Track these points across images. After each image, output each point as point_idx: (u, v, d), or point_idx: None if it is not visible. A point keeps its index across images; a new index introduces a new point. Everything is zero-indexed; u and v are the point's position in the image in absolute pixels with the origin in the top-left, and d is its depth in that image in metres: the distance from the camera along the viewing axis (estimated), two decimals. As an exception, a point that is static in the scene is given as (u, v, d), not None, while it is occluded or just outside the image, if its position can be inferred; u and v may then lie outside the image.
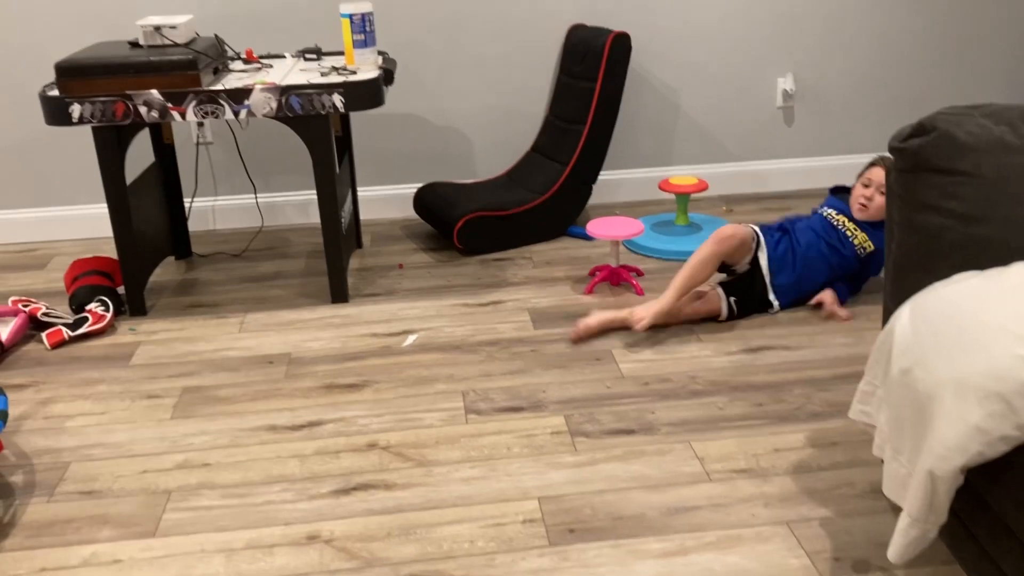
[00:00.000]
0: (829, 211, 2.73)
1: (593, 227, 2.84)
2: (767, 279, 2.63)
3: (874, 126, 3.69)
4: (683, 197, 3.26)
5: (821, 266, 2.65)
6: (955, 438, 1.27)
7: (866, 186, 2.66)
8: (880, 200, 2.59)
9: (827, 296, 2.65)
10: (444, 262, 3.14)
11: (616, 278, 2.88)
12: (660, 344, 2.48)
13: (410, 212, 3.61)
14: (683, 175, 3.56)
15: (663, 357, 2.41)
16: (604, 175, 3.59)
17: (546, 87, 3.51)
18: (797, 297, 2.67)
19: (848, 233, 2.66)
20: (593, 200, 3.61)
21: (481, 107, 3.51)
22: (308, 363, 2.45)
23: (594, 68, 3.19)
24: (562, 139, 3.33)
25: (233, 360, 2.48)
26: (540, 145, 3.45)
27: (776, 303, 2.64)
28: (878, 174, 2.63)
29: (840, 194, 2.80)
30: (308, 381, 2.35)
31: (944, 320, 1.37)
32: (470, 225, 3.12)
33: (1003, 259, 1.45)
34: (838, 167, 3.73)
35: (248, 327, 2.69)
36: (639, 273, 2.94)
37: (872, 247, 2.65)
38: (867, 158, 3.71)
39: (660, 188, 3.23)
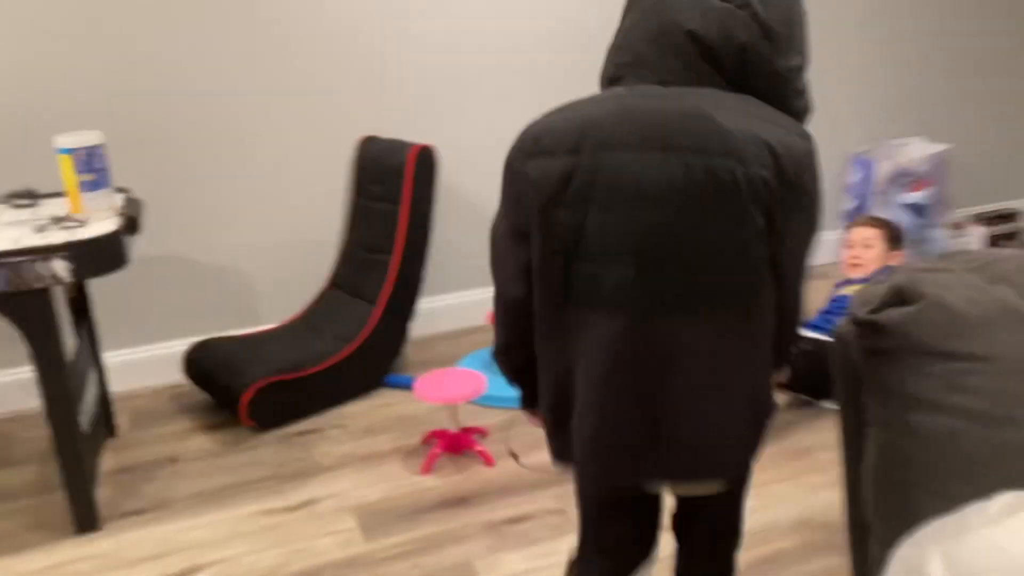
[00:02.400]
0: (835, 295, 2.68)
1: (422, 387, 2.28)
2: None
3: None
4: (517, 326, 2.77)
5: None
6: None
7: (850, 247, 2.70)
8: (868, 254, 2.64)
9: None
10: (231, 444, 2.44)
11: (458, 446, 2.32)
12: (531, 543, 1.94)
13: (178, 376, 2.86)
14: (509, 295, 3.09)
15: (538, 564, 1.87)
16: (422, 303, 3.03)
17: (339, 210, 2.93)
18: None
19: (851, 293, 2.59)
20: (412, 333, 3.04)
21: (261, 239, 2.86)
22: (41, 658, 1.68)
23: (396, 188, 2.65)
24: (367, 271, 2.75)
25: (-80, 669, 1.67)
26: (341, 280, 2.85)
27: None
28: (857, 233, 2.69)
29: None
30: None
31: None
32: (262, 395, 2.45)
33: (1053, 478, 1.04)
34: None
35: (-52, 599, 1.86)
36: (483, 434, 2.40)
37: None
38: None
39: (489, 321, 2.73)
